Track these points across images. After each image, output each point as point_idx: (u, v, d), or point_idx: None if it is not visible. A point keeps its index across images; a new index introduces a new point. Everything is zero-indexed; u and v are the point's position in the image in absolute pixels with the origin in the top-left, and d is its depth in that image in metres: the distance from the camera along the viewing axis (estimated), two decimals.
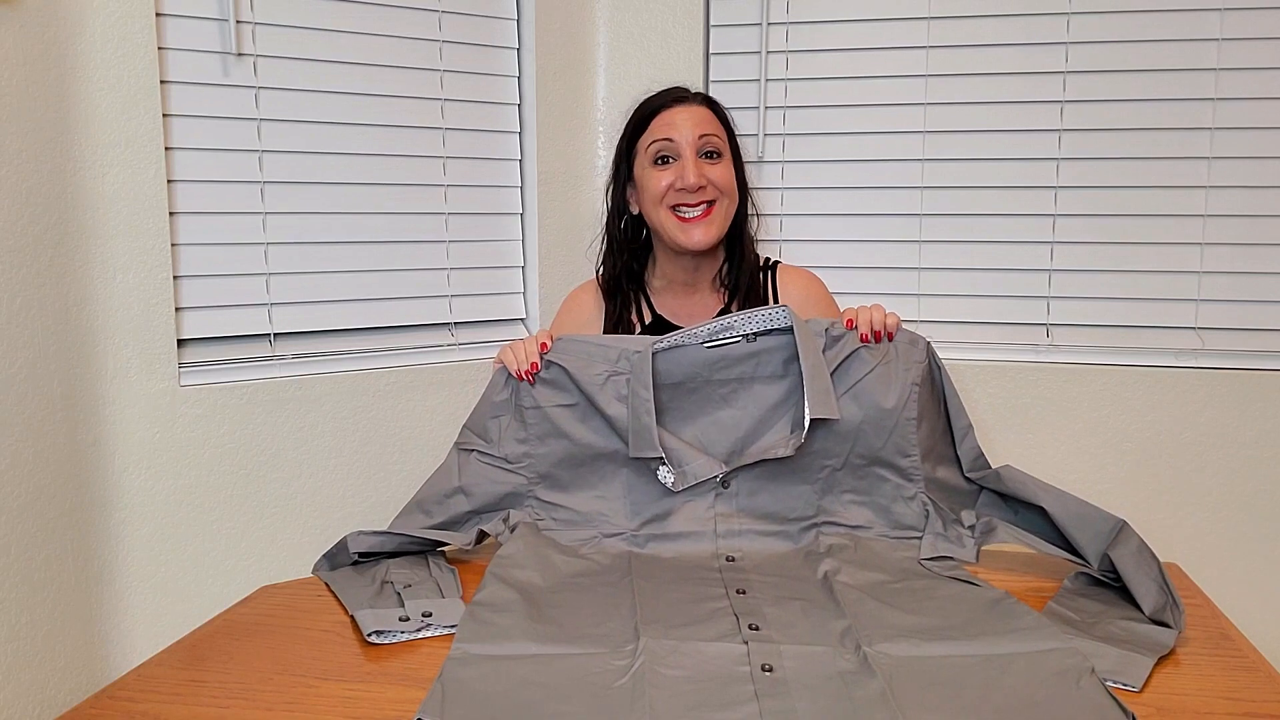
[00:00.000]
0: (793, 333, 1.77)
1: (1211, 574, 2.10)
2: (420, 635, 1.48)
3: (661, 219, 2.03)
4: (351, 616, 1.54)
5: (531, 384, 1.82)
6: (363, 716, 1.25)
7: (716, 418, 1.80)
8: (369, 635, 1.47)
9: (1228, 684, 1.32)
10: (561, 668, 1.32)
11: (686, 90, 2.12)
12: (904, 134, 2.35)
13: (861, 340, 1.80)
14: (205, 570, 1.95)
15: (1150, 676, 1.33)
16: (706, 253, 2.09)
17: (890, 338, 1.82)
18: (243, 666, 1.38)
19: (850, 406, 1.77)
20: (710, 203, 2.01)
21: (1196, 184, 2.24)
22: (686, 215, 2.01)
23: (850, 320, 1.83)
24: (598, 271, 2.20)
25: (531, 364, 1.81)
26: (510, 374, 1.84)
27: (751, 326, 1.80)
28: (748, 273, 2.11)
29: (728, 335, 1.79)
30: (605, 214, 2.19)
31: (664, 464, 1.74)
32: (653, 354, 1.77)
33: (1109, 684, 1.28)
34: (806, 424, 1.71)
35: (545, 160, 2.35)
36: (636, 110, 2.11)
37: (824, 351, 1.78)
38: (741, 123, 2.31)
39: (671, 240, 2.04)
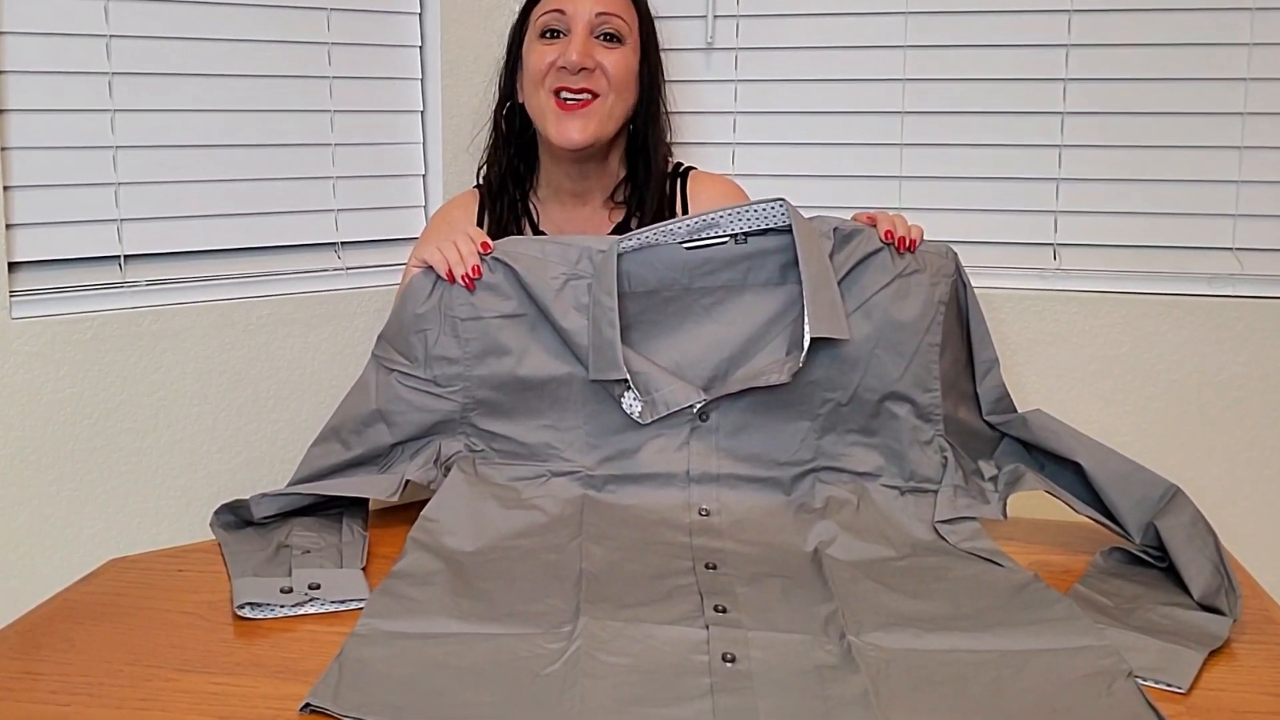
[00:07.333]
0: (791, 233, 1.72)
1: (1253, 544, 2.10)
2: (302, 611, 1.46)
3: (540, 102, 2.02)
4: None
5: (471, 289, 1.76)
6: (231, 715, 1.23)
7: (697, 334, 1.75)
8: (240, 608, 1.45)
9: (1271, 677, 1.30)
10: (484, 650, 1.32)
11: None
12: (883, 15, 2.33)
13: (884, 238, 1.76)
14: (41, 540, 1.95)
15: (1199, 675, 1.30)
16: (597, 160, 2.09)
17: (913, 248, 1.79)
18: (87, 656, 1.36)
19: (862, 325, 1.73)
20: (593, 94, 2.00)
21: (1235, 75, 2.21)
22: (567, 101, 2.01)
23: (870, 217, 1.80)
24: (479, 170, 2.20)
25: (472, 266, 1.75)
26: (439, 276, 1.77)
27: (740, 225, 1.74)
28: (654, 190, 2.11)
29: (712, 234, 1.75)
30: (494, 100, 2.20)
31: (630, 389, 1.70)
32: (619, 255, 1.73)
33: (1150, 684, 1.25)
34: (806, 344, 1.67)
35: (450, 47, 2.33)
36: None
37: (831, 256, 1.73)
38: (688, 1, 2.28)
39: (545, 130, 2.02)
